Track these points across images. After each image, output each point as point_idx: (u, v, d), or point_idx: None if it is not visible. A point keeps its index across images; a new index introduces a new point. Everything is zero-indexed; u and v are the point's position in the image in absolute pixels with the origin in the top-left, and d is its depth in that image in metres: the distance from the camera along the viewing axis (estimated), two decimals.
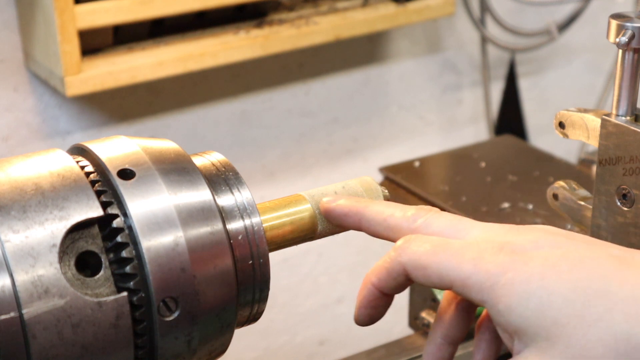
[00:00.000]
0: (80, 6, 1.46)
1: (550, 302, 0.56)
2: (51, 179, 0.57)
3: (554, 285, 0.56)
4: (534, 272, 0.57)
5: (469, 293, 0.59)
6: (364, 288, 0.65)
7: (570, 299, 0.55)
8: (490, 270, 0.58)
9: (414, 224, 0.65)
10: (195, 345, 0.60)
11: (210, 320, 0.60)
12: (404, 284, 0.63)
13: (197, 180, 0.61)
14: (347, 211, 0.67)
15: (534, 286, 0.56)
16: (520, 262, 0.58)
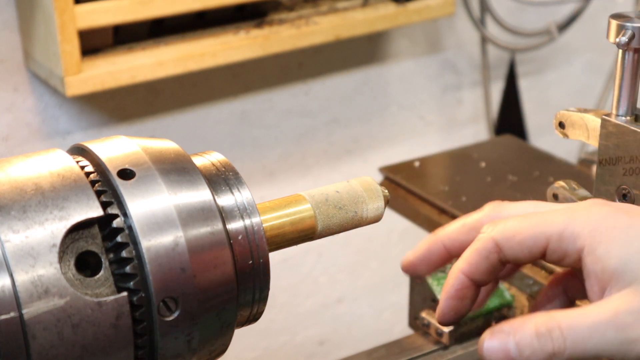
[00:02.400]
0: (80, 6, 1.46)
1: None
2: (51, 179, 0.57)
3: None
4: (635, 220, 0.58)
5: (566, 245, 0.59)
6: (452, 277, 0.63)
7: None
8: (589, 217, 0.58)
9: (493, 212, 0.64)
10: (195, 345, 0.60)
11: (210, 320, 0.60)
12: (495, 266, 0.62)
13: (197, 180, 0.61)
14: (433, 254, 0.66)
15: (636, 232, 0.57)
16: (620, 211, 0.59)
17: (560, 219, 0.59)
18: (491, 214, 0.65)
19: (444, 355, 1.00)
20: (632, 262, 0.57)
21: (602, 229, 0.58)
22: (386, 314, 2.21)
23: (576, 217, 0.59)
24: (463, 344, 1.01)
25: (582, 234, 0.58)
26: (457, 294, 0.63)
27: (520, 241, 0.60)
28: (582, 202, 0.62)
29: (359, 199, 0.71)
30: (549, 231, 0.59)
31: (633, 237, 0.57)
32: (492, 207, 0.65)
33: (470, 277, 0.62)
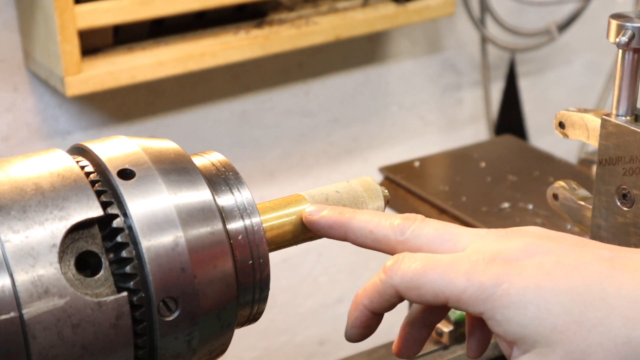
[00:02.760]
0: (80, 6, 1.46)
1: (548, 310, 0.56)
2: (51, 179, 0.57)
3: (551, 294, 0.56)
4: (530, 282, 0.57)
5: (466, 307, 0.59)
6: (355, 309, 0.64)
7: (567, 306, 0.56)
8: (485, 282, 0.58)
9: (402, 235, 0.64)
10: (195, 345, 0.60)
11: (210, 320, 0.60)
12: (396, 303, 0.63)
13: (197, 180, 0.61)
14: (332, 223, 0.67)
15: (530, 296, 0.56)
16: (514, 273, 0.58)
17: (459, 280, 0.59)
18: (400, 236, 0.65)
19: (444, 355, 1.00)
20: (529, 327, 0.56)
21: (498, 294, 0.57)
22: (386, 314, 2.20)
23: (474, 280, 0.58)
24: (463, 344, 1.01)
25: (480, 300, 0.58)
26: (361, 324, 0.65)
27: (420, 295, 0.60)
28: (484, 252, 0.60)
29: (359, 199, 0.71)
30: (448, 293, 0.59)
31: (528, 302, 0.56)
32: (404, 223, 0.65)
33: (372, 311, 0.64)
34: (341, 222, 0.66)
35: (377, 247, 0.66)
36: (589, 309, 0.55)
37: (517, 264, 0.58)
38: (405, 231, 0.64)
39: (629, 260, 0.58)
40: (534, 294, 0.56)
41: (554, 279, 0.57)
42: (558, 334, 0.56)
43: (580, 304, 0.56)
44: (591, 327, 0.55)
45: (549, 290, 0.56)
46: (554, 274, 0.57)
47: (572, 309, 0.56)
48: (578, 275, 0.57)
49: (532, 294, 0.56)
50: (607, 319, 0.55)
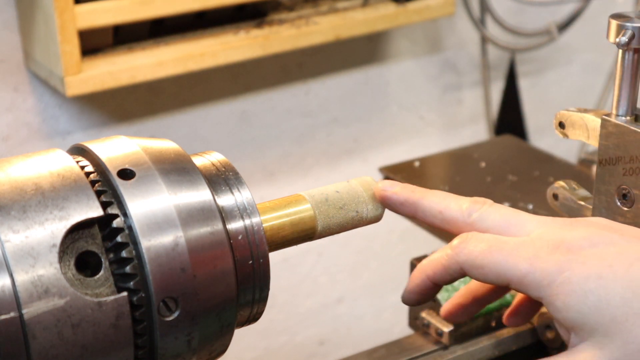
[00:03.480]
0: (80, 6, 1.46)
1: (608, 300, 0.57)
2: (51, 179, 0.57)
3: (612, 284, 0.57)
4: (591, 271, 0.58)
5: (527, 290, 0.60)
6: (418, 277, 0.66)
7: (627, 298, 0.57)
8: (547, 269, 0.59)
9: (470, 218, 0.66)
10: (195, 345, 0.60)
11: (210, 320, 0.60)
12: (457, 278, 0.65)
13: (197, 180, 0.61)
14: (404, 200, 0.69)
15: (591, 285, 0.57)
16: (577, 262, 0.59)
17: (522, 264, 0.60)
18: (467, 218, 0.66)
19: (444, 355, 1.00)
20: (588, 316, 0.58)
21: (559, 281, 0.58)
22: (386, 314, 2.21)
23: (536, 265, 0.60)
24: (463, 344, 1.01)
25: (542, 286, 0.59)
26: (421, 291, 0.67)
27: (483, 274, 0.62)
28: (548, 239, 0.61)
29: (359, 199, 0.71)
30: (510, 275, 0.60)
31: (589, 291, 0.58)
32: (472, 206, 0.67)
33: (434, 282, 0.66)
34: (412, 201, 0.68)
35: (445, 227, 0.68)
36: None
37: (580, 252, 0.59)
38: (473, 214, 0.66)
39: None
40: (595, 284, 0.57)
41: (616, 270, 0.58)
42: (617, 325, 0.57)
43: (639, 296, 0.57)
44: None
45: (610, 281, 0.57)
46: (615, 264, 0.58)
47: (631, 300, 0.57)
48: (639, 268, 0.58)
49: (593, 283, 0.58)
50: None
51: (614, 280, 0.57)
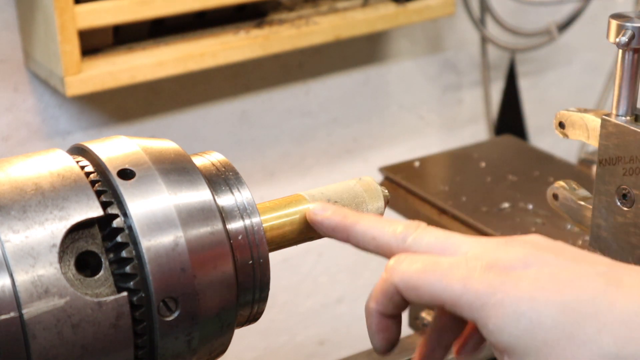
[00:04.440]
0: (80, 6, 1.46)
1: (540, 323, 0.56)
2: (51, 179, 0.57)
3: (544, 307, 0.57)
4: (524, 293, 0.57)
5: (460, 312, 0.59)
6: (369, 316, 0.65)
7: (559, 320, 0.56)
8: (480, 290, 0.58)
9: (404, 243, 0.65)
10: (195, 345, 0.60)
11: (210, 320, 0.60)
12: (401, 304, 0.63)
13: (197, 180, 0.61)
14: (335, 226, 0.67)
15: (523, 307, 0.57)
16: (509, 283, 0.58)
17: (456, 285, 0.59)
18: (402, 243, 0.65)
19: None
20: (520, 339, 0.57)
21: (491, 303, 0.58)
22: None
23: (469, 286, 0.59)
24: None
25: (474, 307, 0.58)
26: (380, 329, 0.65)
27: (418, 296, 0.61)
28: (482, 259, 0.61)
29: (359, 199, 0.71)
30: (444, 296, 0.60)
31: (521, 313, 0.57)
32: (406, 231, 0.65)
33: (382, 313, 0.64)
34: (344, 226, 0.67)
35: (379, 252, 0.67)
36: (580, 324, 0.56)
37: (514, 273, 0.59)
38: (407, 238, 0.65)
39: (624, 276, 0.58)
40: (527, 306, 0.57)
41: (548, 292, 0.57)
42: (549, 348, 0.56)
43: (572, 318, 0.56)
44: (581, 343, 0.55)
45: (542, 303, 0.57)
46: (548, 287, 0.57)
47: (564, 323, 0.56)
48: (572, 290, 0.57)
49: (525, 305, 0.57)
50: (597, 335, 0.55)
51: (546, 303, 0.57)
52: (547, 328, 0.56)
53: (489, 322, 0.58)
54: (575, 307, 0.56)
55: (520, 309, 0.57)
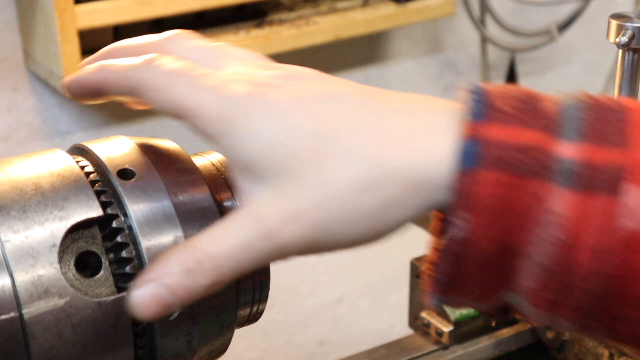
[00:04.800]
0: (80, 6, 1.46)
1: (290, 136, 0.50)
2: (51, 179, 0.57)
3: (297, 119, 0.51)
4: (275, 105, 0.51)
5: (200, 124, 0.52)
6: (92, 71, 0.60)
7: (315, 133, 0.50)
8: (225, 99, 0.52)
9: (166, 46, 0.58)
10: (195, 345, 0.60)
11: (210, 320, 0.60)
12: (125, 97, 0.58)
13: (197, 180, 0.61)
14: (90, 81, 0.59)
15: (274, 119, 0.51)
16: (259, 94, 0.52)
17: (203, 93, 0.52)
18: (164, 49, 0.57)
19: (444, 355, 1.01)
20: (267, 153, 0.51)
21: (233, 113, 0.51)
22: (386, 314, 2.21)
23: (217, 95, 0.52)
24: (463, 344, 1.01)
25: (214, 118, 0.51)
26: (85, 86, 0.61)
27: (162, 98, 0.54)
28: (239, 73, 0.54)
29: None
30: (189, 104, 0.52)
31: (270, 126, 0.50)
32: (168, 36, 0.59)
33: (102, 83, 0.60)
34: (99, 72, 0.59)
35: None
36: (337, 137, 0.50)
37: (266, 86, 0.52)
38: (169, 43, 0.58)
39: (384, 94, 0.54)
40: (278, 118, 0.51)
41: (304, 105, 0.51)
42: (300, 163, 0.50)
43: (329, 132, 0.50)
44: (337, 157, 0.50)
45: (295, 116, 0.51)
46: (305, 100, 0.51)
47: (319, 136, 0.50)
48: (332, 103, 0.52)
49: (276, 117, 0.51)
50: (356, 147, 0.50)
51: (299, 115, 0.51)
52: (299, 141, 0.50)
53: (229, 135, 0.51)
54: (334, 120, 0.51)
55: (270, 121, 0.51)
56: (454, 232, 0.49)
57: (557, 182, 0.48)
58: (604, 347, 0.95)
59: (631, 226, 0.47)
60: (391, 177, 0.50)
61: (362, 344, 1.36)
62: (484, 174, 0.48)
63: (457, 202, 0.49)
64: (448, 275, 0.51)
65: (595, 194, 0.48)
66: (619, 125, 0.49)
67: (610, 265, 0.47)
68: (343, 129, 0.51)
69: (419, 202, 0.51)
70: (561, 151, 0.49)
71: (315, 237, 0.53)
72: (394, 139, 0.50)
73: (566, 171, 0.48)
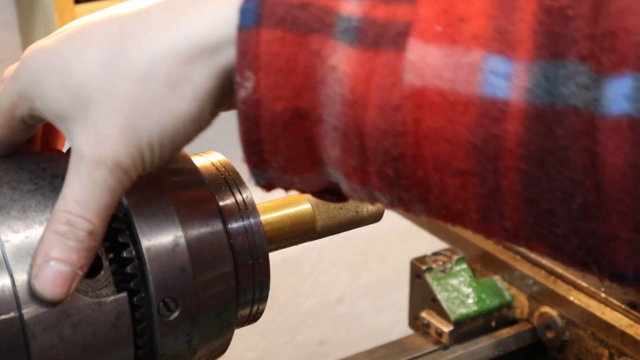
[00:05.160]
0: (80, 6, 1.46)
1: (71, 80, 0.52)
2: (51, 179, 0.57)
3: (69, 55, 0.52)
4: (53, 49, 0.53)
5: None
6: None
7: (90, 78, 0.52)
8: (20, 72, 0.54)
9: None
10: (195, 345, 0.60)
11: (210, 320, 0.60)
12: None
13: (198, 180, 0.61)
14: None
15: (54, 63, 0.52)
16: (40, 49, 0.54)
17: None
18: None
19: (444, 355, 1.01)
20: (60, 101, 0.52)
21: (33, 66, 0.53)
22: (386, 314, 2.21)
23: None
24: (463, 344, 1.01)
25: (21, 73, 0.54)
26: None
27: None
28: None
29: None
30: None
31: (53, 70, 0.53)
32: None
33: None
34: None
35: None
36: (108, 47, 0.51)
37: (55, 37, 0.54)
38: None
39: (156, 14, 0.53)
40: (53, 58, 0.53)
41: (73, 39, 0.53)
42: (86, 92, 0.52)
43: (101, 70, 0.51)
44: (110, 66, 0.51)
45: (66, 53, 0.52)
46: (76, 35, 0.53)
47: (95, 83, 0.51)
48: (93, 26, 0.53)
49: (54, 61, 0.52)
50: (121, 47, 0.51)
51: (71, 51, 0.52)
52: (80, 81, 0.52)
53: (34, 97, 0.54)
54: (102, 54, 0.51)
55: (52, 65, 0.52)
56: (242, 94, 0.49)
57: (341, 39, 0.47)
58: (604, 347, 0.95)
59: (417, 82, 0.45)
60: (163, 59, 0.50)
61: (362, 344, 1.36)
62: (265, 32, 0.48)
63: (241, 62, 0.48)
64: (250, 144, 0.50)
65: (381, 50, 0.46)
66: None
67: (398, 123, 0.46)
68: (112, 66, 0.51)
69: (206, 71, 0.51)
70: (344, 7, 0.47)
71: (132, 147, 0.52)
72: (165, 16, 0.51)
73: (350, 28, 0.47)
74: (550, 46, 0.44)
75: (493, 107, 0.44)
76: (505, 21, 0.45)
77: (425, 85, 0.45)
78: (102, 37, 0.52)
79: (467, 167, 0.46)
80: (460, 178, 0.46)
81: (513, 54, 0.44)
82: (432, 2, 0.46)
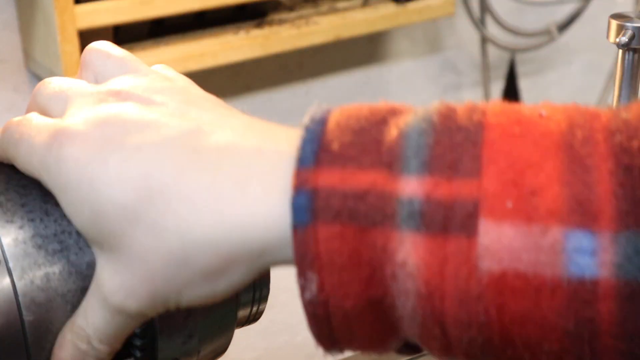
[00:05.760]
0: (80, 6, 1.46)
1: (101, 211, 0.46)
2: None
3: (105, 186, 0.45)
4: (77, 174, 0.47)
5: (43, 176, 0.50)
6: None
7: (123, 204, 0.45)
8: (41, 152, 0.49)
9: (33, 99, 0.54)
10: (195, 346, 0.60)
11: (210, 320, 0.60)
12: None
13: None
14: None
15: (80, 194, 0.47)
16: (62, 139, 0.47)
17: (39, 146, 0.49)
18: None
19: None
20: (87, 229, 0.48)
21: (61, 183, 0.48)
22: None
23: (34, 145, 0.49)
24: None
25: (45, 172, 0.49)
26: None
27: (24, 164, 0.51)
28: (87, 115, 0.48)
29: None
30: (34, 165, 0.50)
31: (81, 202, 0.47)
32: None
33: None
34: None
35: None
36: (146, 207, 0.45)
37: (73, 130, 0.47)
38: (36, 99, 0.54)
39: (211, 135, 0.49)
40: (87, 190, 0.46)
41: (109, 165, 0.45)
42: (115, 238, 0.46)
43: (139, 200, 0.45)
44: (147, 230, 0.45)
45: (103, 183, 0.45)
46: (111, 157, 0.45)
47: (128, 207, 0.45)
48: (143, 159, 0.45)
49: (85, 188, 0.46)
50: (161, 219, 0.45)
51: (109, 182, 0.45)
52: (111, 214, 0.45)
53: (64, 205, 0.48)
54: (144, 185, 0.45)
55: (79, 197, 0.47)
56: (307, 296, 0.45)
57: (405, 227, 0.42)
58: None
59: (495, 268, 0.41)
60: (201, 251, 0.45)
61: None
62: (322, 229, 0.43)
63: (302, 265, 0.45)
64: (321, 337, 0.47)
65: (450, 235, 0.42)
66: (474, 148, 0.42)
67: (481, 313, 0.42)
68: (154, 195, 0.45)
69: (247, 270, 0.48)
70: (404, 189, 0.42)
71: (158, 303, 0.49)
72: (210, 202, 0.45)
73: (414, 213, 0.42)
74: (636, 213, 0.40)
75: (582, 288, 0.41)
76: (582, 186, 0.41)
77: (504, 270, 0.41)
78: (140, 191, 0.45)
79: (561, 348, 0.42)
80: (554, 356, 0.43)
81: (596, 226, 0.40)
82: (499, 173, 0.42)
